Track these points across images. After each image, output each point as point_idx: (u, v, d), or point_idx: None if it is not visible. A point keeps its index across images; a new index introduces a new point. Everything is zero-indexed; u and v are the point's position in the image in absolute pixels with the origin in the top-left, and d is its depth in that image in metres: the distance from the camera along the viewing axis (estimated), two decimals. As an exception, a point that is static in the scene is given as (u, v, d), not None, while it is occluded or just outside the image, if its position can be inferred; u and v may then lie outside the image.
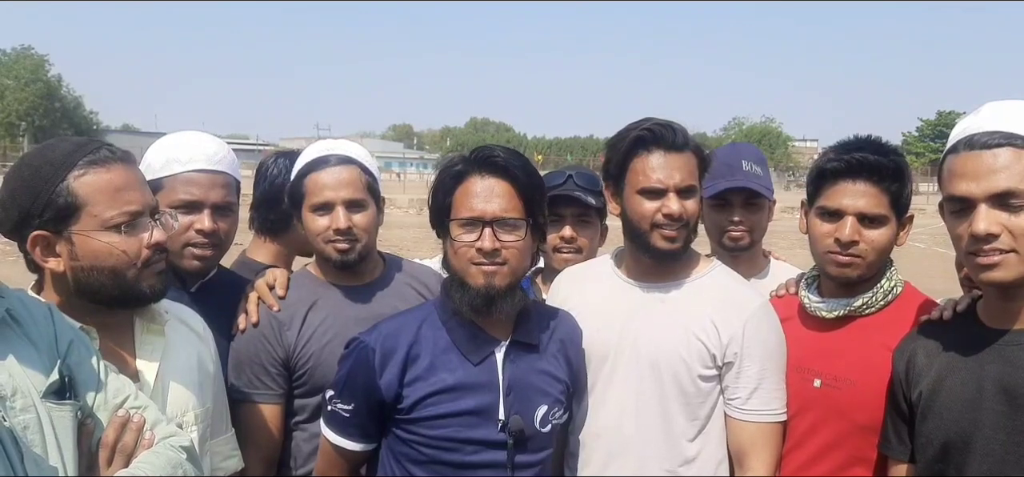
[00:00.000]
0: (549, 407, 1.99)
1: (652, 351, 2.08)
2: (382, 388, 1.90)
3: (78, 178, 1.63)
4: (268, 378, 2.22)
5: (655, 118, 2.09)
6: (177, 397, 1.82)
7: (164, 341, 1.83)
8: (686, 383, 2.06)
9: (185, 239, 2.18)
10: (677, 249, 2.08)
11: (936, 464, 1.78)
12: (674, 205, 2.02)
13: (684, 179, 2.04)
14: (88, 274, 1.66)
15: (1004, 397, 1.65)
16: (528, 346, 1.99)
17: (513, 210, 1.88)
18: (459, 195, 1.91)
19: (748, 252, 2.63)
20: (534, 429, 1.95)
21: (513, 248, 1.88)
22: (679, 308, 2.11)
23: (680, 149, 2.05)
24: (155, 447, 1.50)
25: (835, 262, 2.05)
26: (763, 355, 2.07)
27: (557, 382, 2.03)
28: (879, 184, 2.00)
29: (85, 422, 1.45)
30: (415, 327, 1.96)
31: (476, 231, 1.86)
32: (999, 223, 1.60)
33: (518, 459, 1.93)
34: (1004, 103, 1.68)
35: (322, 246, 2.24)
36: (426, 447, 1.90)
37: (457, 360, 1.92)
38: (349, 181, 2.23)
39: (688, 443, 2.08)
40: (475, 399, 1.90)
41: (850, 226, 2.01)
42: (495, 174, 1.90)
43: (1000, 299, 1.71)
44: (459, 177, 1.92)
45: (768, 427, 2.07)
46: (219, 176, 2.24)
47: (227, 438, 2.06)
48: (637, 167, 2.07)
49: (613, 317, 2.15)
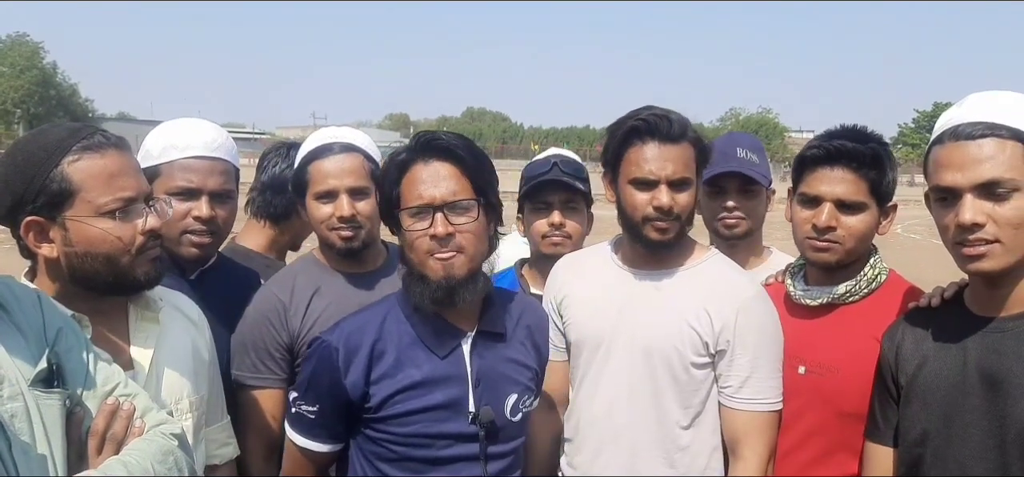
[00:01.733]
0: (519, 395, 1.96)
1: (645, 339, 2.08)
2: (347, 387, 1.84)
3: (72, 163, 1.62)
4: (272, 363, 2.22)
5: (654, 107, 2.07)
6: (171, 384, 1.82)
7: (159, 328, 1.83)
8: (679, 371, 2.06)
9: (183, 226, 2.18)
10: (668, 241, 2.07)
11: (916, 448, 1.80)
12: (664, 198, 2.01)
13: (677, 171, 2.02)
14: (82, 260, 1.66)
15: (985, 383, 1.68)
16: (495, 335, 1.94)
17: (462, 192, 1.82)
18: (405, 184, 1.84)
19: (746, 241, 2.62)
20: (505, 419, 1.92)
21: (467, 232, 1.81)
22: (673, 295, 2.10)
23: (676, 140, 2.02)
24: (145, 435, 1.49)
25: (813, 247, 2.09)
26: (756, 344, 2.06)
27: (526, 369, 2.00)
28: (857, 171, 2.03)
29: (74, 411, 1.43)
30: (378, 322, 1.90)
31: (427, 218, 1.80)
32: (984, 213, 1.62)
33: (490, 450, 1.90)
34: (988, 94, 1.71)
35: (326, 233, 2.25)
36: (397, 445, 1.86)
37: (423, 354, 1.87)
38: (352, 169, 2.23)
39: (681, 430, 2.09)
40: (444, 393, 1.86)
41: (827, 212, 2.04)
42: (440, 157, 1.83)
43: (985, 287, 1.73)
44: (404, 166, 1.86)
45: (761, 416, 2.07)
46: (218, 163, 2.24)
47: (222, 425, 2.07)
48: (631, 157, 2.06)
49: (608, 304, 2.15)
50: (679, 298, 2.09)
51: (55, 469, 1.36)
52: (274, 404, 2.24)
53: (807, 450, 2.09)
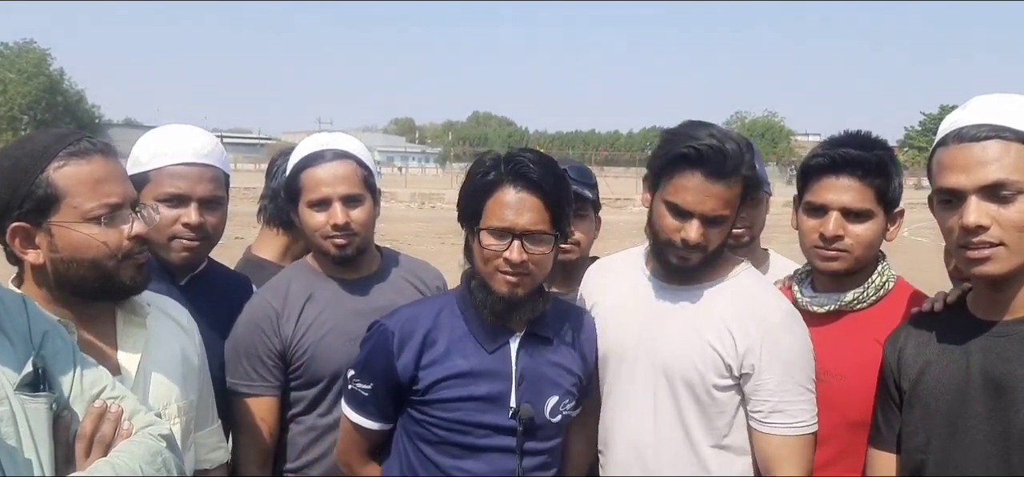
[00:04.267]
0: (560, 398, 2.02)
1: (666, 358, 2.03)
2: (399, 370, 1.96)
3: (58, 169, 1.62)
4: (265, 370, 2.21)
5: (712, 131, 1.95)
6: (159, 389, 1.81)
7: (146, 333, 1.81)
8: (701, 393, 1.99)
9: (172, 232, 2.16)
10: (689, 268, 2.01)
11: (918, 454, 1.78)
12: (693, 233, 1.93)
13: (715, 209, 1.93)
14: (68, 266, 1.65)
15: (989, 387, 1.66)
16: (542, 338, 2.02)
17: (543, 224, 1.90)
18: (491, 204, 1.92)
19: (747, 248, 2.60)
20: (544, 418, 1.99)
21: (539, 261, 1.92)
22: (697, 314, 2.03)
23: (726, 177, 1.92)
24: (134, 437, 1.49)
25: (821, 257, 2.07)
26: (784, 368, 1.96)
27: (569, 375, 2.05)
28: (863, 179, 2.01)
29: (61, 414, 1.43)
30: (434, 314, 2.01)
31: (505, 242, 1.89)
32: (989, 215, 1.60)
33: (527, 446, 1.97)
34: (992, 96, 1.69)
35: (320, 242, 2.24)
36: (439, 428, 1.96)
37: (472, 347, 1.97)
38: (345, 176, 2.21)
39: (709, 451, 2.01)
40: (488, 385, 1.95)
41: (834, 221, 2.02)
42: (528, 188, 1.90)
43: (989, 291, 1.71)
44: (491, 187, 1.93)
45: (795, 440, 1.97)
46: (207, 169, 2.22)
47: (213, 430, 2.05)
48: (674, 179, 1.96)
49: (632, 317, 2.10)
50: (702, 317, 2.02)
51: (42, 472, 1.35)
52: (267, 411, 2.23)
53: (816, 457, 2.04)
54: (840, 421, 2.02)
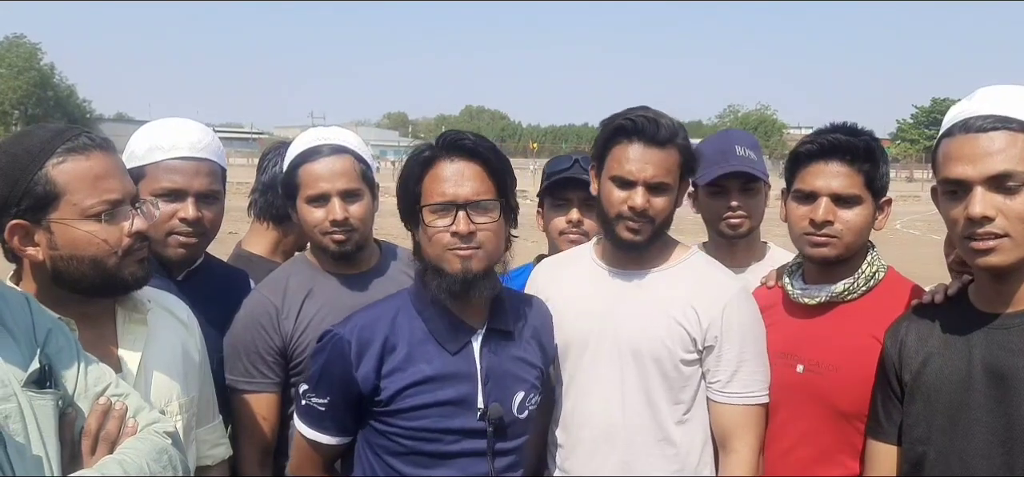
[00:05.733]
0: (526, 393, 1.99)
1: (634, 338, 2.09)
2: (359, 380, 1.88)
3: (57, 166, 1.60)
4: (265, 367, 2.20)
5: (646, 109, 2.09)
6: (160, 386, 1.80)
7: (147, 330, 1.81)
8: (669, 368, 2.07)
9: (169, 228, 2.15)
10: (639, 242, 2.08)
11: (919, 445, 1.78)
12: (639, 199, 2.03)
13: (656, 175, 2.03)
14: (68, 263, 1.64)
15: (992, 379, 1.66)
16: (504, 333, 1.99)
17: (486, 192, 1.87)
18: (429, 181, 1.88)
19: (746, 239, 2.62)
20: (513, 416, 1.96)
21: (487, 230, 1.87)
22: (658, 295, 2.11)
23: (661, 144, 2.03)
24: (139, 434, 1.48)
25: (811, 243, 2.08)
26: (742, 338, 2.08)
27: (532, 368, 2.03)
28: (852, 164, 2.03)
29: (66, 411, 1.43)
30: (390, 317, 1.93)
31: (449, 215, 1.85)
32: (994, 206, 1.60)
33: (497, 446, 1.93)
34: (997, 87, 1.69)
35: (319, 237, 2.23)
36: (405, 438, 1.89)
37: (434, 350, 1.91)
38: (343, 171, 2.20)
39: (674, 426, 2.09)
40: (454, 389, 1.89)
41: (824, 206, 2.04)
42: (465, 157, 1.88)
43: (992, 283, 1.71)
44: (428, 163, 1.90)
45: (750, 409, 2.09)
46: (203, 164, 2.21)
47: (214, 426, 2.05)
48: (615, 154, 2.08)
49: (592, 305, 2.15)
50: (665, 297, 2.10)
51: (50, 469, 1.35)
52: (267, 408, 2.22)
53: (805, 449, 2.08)
54: (832, 413, 2.04)
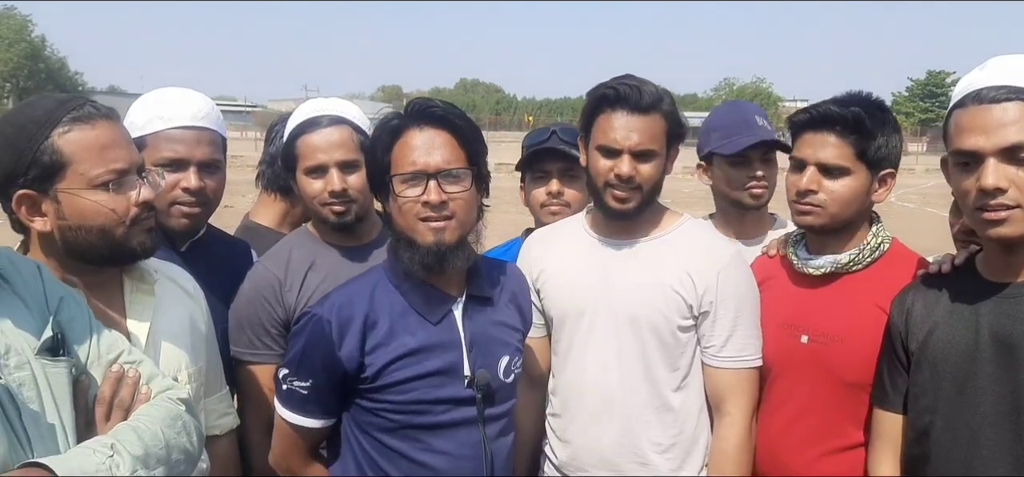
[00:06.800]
0: (510, 357, 1.98)
1: (630, 306, 2.11)
2: (343, 360, 1.83)
3: (63, 135, 1.59)
4: (269, 339, 2.21)
5: (629, 76, 2.10)
6: (169, 356, 1.81)
7: (154, 300, 1.81)
8: (666, 335, 2.10)
9: (171, 198, 2.14)
10: (628, 210, 2.09)
11: (926, 415, 1.79)
12: (625, 167, 2.04)
13: (641, 142, 2.04)
14: (76, 233, 1.64)
15: (1001, 348, 1.67)
16: (483, 299, 1.97)
17: (457, 160, 1.83)
18: (398, 150, 1.84)
19: (757, 211, 2.62)
20: (500, 381, 1.95)
21: (459, 200, 1.82)
22: (653, 262, 2.13)
23: (645, 111, 2.04)
24: (153, 400, 1.49)
25: (796, 211, 2.10)
26: (737, 303, 2.11)
27: (514, 331, 2.03)
28: (841, 135, 2.02)
29: (79, 379, 1.43)
30: (368, 293, 1.89)
31: (420, 185, 1.80)
32: (1007, 178, 1.60)
33: (487, 412, 1.91)
34: (1010, 57, 1.68)
35: (318, 209, 2.23)
36: (395, 413, 1.86)
37: (416, 321, 1.87)
38: (341, 142, 2.20)
39: (671, 393, 2.13)
40: (440, 359, 1.87)
41: (808, 176, 2.05)
42: (434, 125, 1.84)
43: (1002, 253, 1.71)
44: (396, 132, 1.85)
45: (744, 373, 2.12)
46: (204, 133, 2.20)
47: (222, 396, 2.07)
48: (600, 123, 2.09)
49: (586, 274, 2.17)
50: (660, 264, 2.12)
51: (66, 436, 1.36)
52: (271, 379, 2.21)
53: (810, 420, 2.09)
54: (837, 383, 2.04)
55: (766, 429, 2.17)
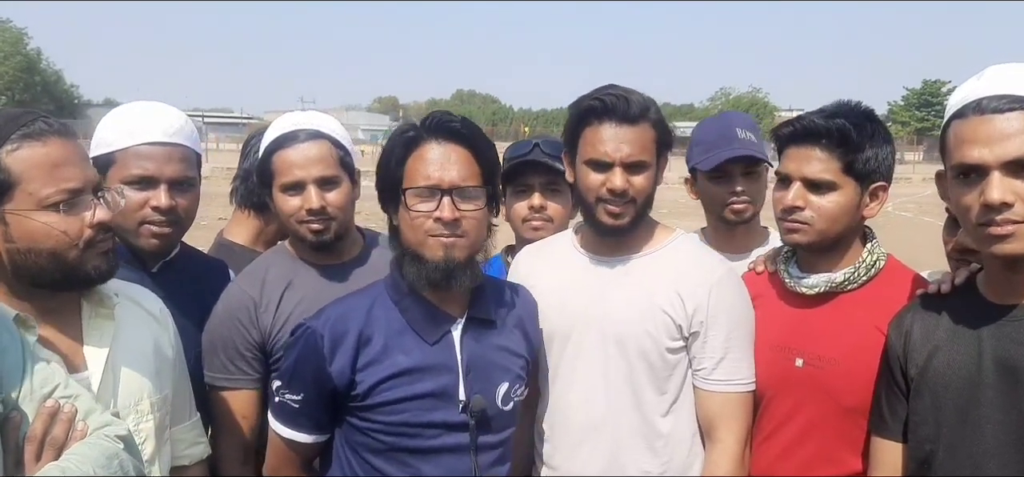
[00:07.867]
0: (510, 384, 1.91)
1: (617, 327, 2.02)
2: (333, 375, 1.79)
3: (11, 153, 1.51)
4: (244, 363, 2.13)
5: (613, 86, 2.03)
6: (129, 384, 1.72)
7: (114, 325, 1.72)
8: (654, 358, 2.01)
9: (141, 216, 2.07)
10: (622, 225, 2.01)
11: (927, 444, 1.71)
12: (618, 180, 1.96)
13: (632, 154, 1.96)
14: (25, 256, 1.55)
15: (1005, 374, 1.59)
16: (485, 322, 1.90)
17: (472, 178, 1.80)
18: (413, 162, 1.80)
19: (747, 224, 2.55)
20: (496, 408, 1.88)
21: (472, 218, 1.79)
22: (642, 281, 2.04)
23: (633, 121, 1.96)
24: (88, 438, 1.40)
25: (783, 228, 2.02)
26: (729, 323, 2.01)
27: (517, 357, 1.95)
28: (826, 148, 1.94)
29: (10, 415, 1.35)
30: (365, 309, 1.84)
31: (433, 200, 1.76)
32: (1013, 191, 1.52)
33: (481, 440, 1.85)
34: (1008, 66, 1.61)
35: (296, 227, 2.15)
36: (384, 434, 1.81)
37: (412, 341, 1.82)
38: (319, 157, 2.12)
39: (661, 418, 2.03)
40: (433, 381, 1.81)
41: (793, 192, 1.97)
42: (452, 140, 1.80)
43: (1005, 272, 1.63)
44: (412, 143, 1.81)
45: (736, 397, 2.02)
46: (176, 149, 2.12)
47: (191, 425, 1.98)
48: (587, 137, 2.00)
49: (575, 294, 2.09)
50: (649, 283, 2.04)
51: None
52: (247, 405, 2.15)
53: (807, 446, 2.00)
54: (834, 408, 1.96)
55: (761, 456, 2.07)
